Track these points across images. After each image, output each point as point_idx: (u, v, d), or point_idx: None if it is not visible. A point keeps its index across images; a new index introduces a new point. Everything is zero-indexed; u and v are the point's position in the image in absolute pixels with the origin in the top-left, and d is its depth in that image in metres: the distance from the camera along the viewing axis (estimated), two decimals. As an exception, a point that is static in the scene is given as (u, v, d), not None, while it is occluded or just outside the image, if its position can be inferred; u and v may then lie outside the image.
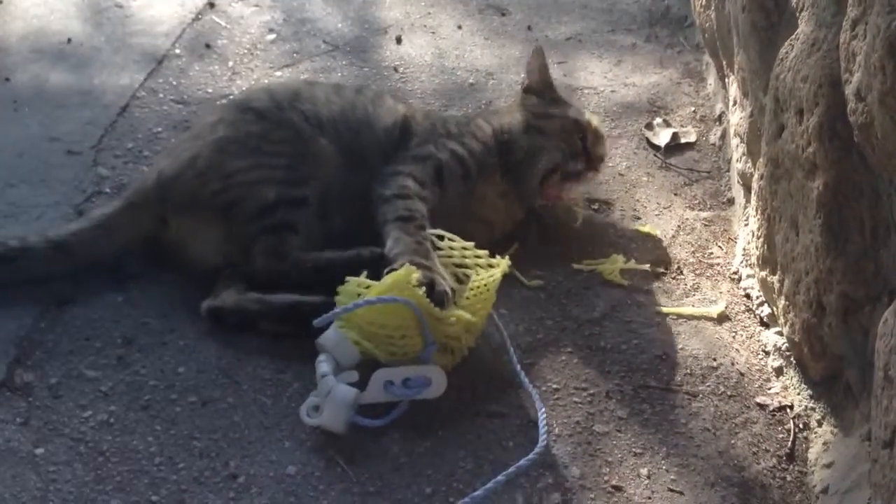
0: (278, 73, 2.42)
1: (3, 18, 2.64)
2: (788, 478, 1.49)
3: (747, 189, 1.86)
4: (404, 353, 1.55)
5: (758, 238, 1.70)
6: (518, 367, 1.60)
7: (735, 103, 1.93)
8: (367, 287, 1.56)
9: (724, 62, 2.02)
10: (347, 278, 1.60)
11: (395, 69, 2.46)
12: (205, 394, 1.58)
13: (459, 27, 2.65)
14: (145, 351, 1.65)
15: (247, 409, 1.56)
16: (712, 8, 2.07)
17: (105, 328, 1.69)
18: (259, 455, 1.49)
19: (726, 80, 2.04)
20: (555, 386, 1.61)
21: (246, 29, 2.59)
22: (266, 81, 2.35)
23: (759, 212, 1.70)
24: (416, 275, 1.54)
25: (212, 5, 2.68)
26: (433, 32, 2.62)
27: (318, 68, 2.45)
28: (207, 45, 2.50)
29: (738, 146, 1.90)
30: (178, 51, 2.48)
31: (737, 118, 1.90)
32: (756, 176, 1.72)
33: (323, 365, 1.53)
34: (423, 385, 1.53)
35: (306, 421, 1.51)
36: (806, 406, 1.55)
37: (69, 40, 2.50)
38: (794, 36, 1.52)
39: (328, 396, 1.50)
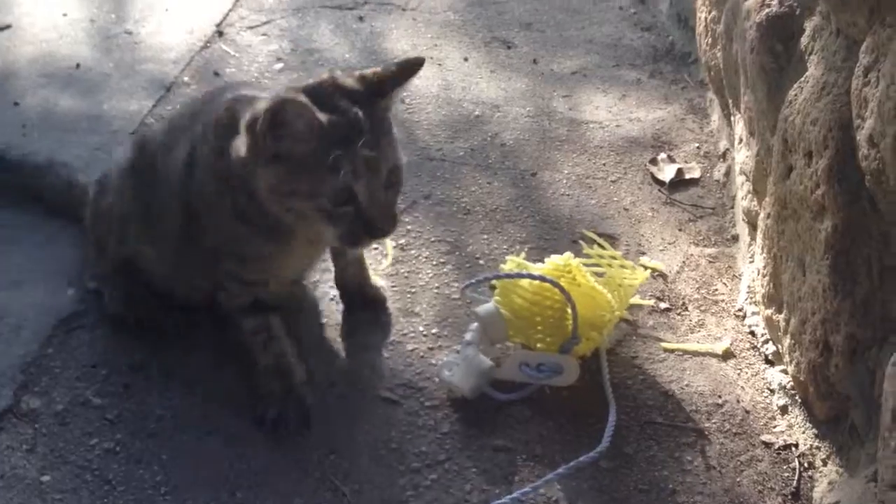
0: (286, 102, 2.44)
1: (13, 42, 2.66)
2: (794, 517, 1.49)
3: (752, 227, 1.87)
4: (546, 342, 1.66)
5: (763, 276, 1.72)
6: (607, 377, 1.66)
7: (741, 142, 1.95)
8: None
9: (730, 101, 2.05)
10: (507, 257, 1.81)
11: (402, 100, 2.47)
12: (211, 423, 1.58)
13: (466, 59, 2.67)
14: (152, 379, 1.65)
15: (253, 440, 1.56)
16: (718, 47, 2.10)
17: (112, 355, 1.69)
18: (265, 486, 1.49)
19: (732, 118, 2.06)
20: (561, 420, 1.61)
21: (254, 57, 2.62)
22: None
23: (765, 250, 1.71)
24: (576, 262, 1.65)
25: (220, 34, 2.70)
26: (440, 64, 2.64)
27: (325, 98, 2.47)
28: (216, 73, 2.52)
29: (743, 184, 1.92)
30: (186, 78, 2.50)
31: (742, 157, 1.92)
32: (762, 215, 1.73)
33: (471, 333, 1.66)
34: (555, 372, 1.62)
35: (443, 376, 1.63)
36: (811, 445, 1.56)
37: (78, 65, 2.52)
38: (803, 79, 1.54)
39: (465, 360, 1.61)
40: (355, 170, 1.36)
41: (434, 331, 1.78)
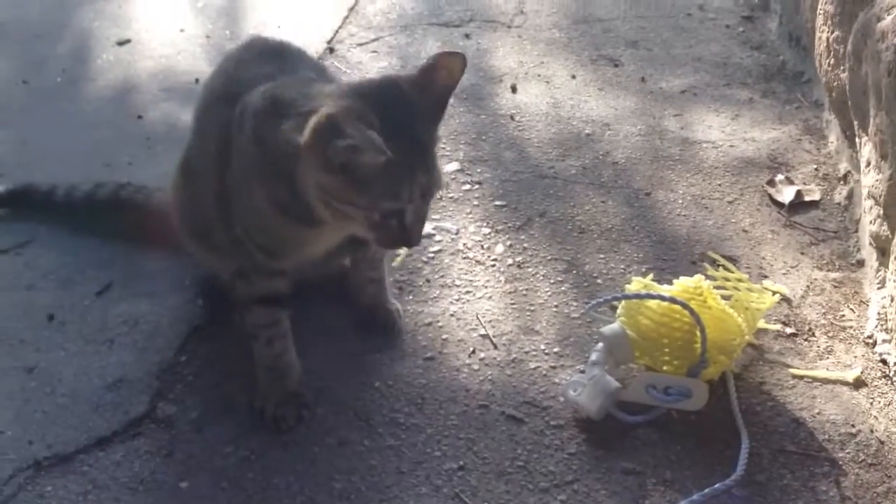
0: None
1: (133, 57, 2.76)
2: (935, 553, 1.45)
3: (881, 252, 1.83)
4: (673, 365, 1.65)
5: (898, 304, 1.68)
6: (736, 402, 1.65)
7: (869, 164, 1.91)
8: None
9: (856, 122, 2.01)
10: (633, 278, 1.81)
11: (512, 117, 2.49)
12: (342, 435, 1.61)
13: (573, 77, 2.67)
14: (283, 389, 1.69)
15: (382, 453, 1.58)
16: (843, 68, 2.06)
17: (244, 364, 1.72)
18: (396, 499, 1.51)
19: (857, 140, 2.02)
20: (689, 445, 1.59)
21: (364, 73, 2.66)
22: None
23: (900, 277, 1.67)
24: (706, 284, 1.65)
25: (331, 50, 2.75)
26: (547, 82, 2.65)
27: (435, 114, 2.50)
28: (329, 89, 2.57)
29: (871, 208, 1.88)
30: (301, 93, 2.55)
31: (871, 180, 1.88)
32: (897, 241, 1.70)
33: (596, 354, 1.66)
34: (684, 396, 1.61)
35: (568, 395, 1.62)
36: (952, 479, 1.51)
37: (197, 80, 2.59)
38: (949, 103, 1.50)
39: (592, 381, 1.61)
40: (412, 195, 1.40)
41: (556, 349, 1.79)
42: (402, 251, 1.96)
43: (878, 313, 1.81)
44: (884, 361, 1.75)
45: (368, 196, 1.39)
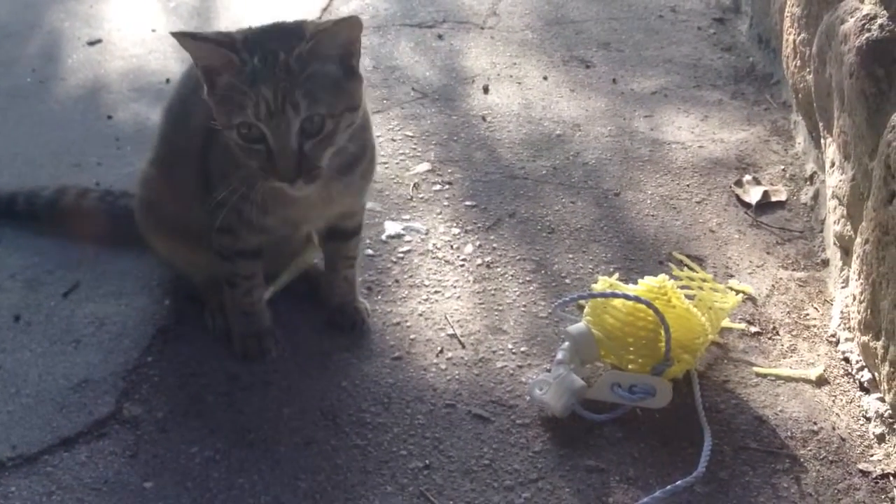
0: (370, 119, 2.48)
1: (104, 56, 2.75)
2: (894, 548, 1.47)
3: (845, 251, 1.85)
4: (638, 363, 1.67)
5: (860, 302, 1.70)
6: (700, 400, 1.66)
7: (833, 165, 1.93)
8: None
9: (821, 124, 2.03)
10: (599, 277, 1.84)
11: (483, 118, 2.50)
12: (307, 434, 1.61)
13: (545, 78, 2.69)
14: (249, 389, 1.69)
15: (348, 452, 1.59)
16: (809, 70, 2.08)
17: (210, 365, 1.73)
18: (362, 499, 1.51)
19: (822, 141, 2.04)
20: (653, 442, 1.61)
21: (337, 74, 2.66)
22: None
23: (861, 276, 1.69)
24: (671, 284, 1.67)
25: (304, 50, 2.75)
26: (519, 83, 2.66)
27: (407, 115, 2.50)
28: (301, 89, 2.57)
29: (835, 208, 1.90)
30: (272, 93, 2.55)
31: (835, 180, 1.90)
32: (859, 240, 1.71)
33: (562, 353, 1.67)
34: (648, 394, 1.62)
35: (534, 394, 1.63)
36: (911, 475, 1.53)
37: (168, 80, 2.59)
38: (907, 104, 1.52)
39: (557, 380, 1.62)
40: (257, 109, 1.43)
41: (523, 349, 1.79)
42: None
43: (842, 312, 1.83)
44: (846, 360, 1.77)
45: (226, 114, 1.46)
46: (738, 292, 1.89)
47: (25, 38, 2.84)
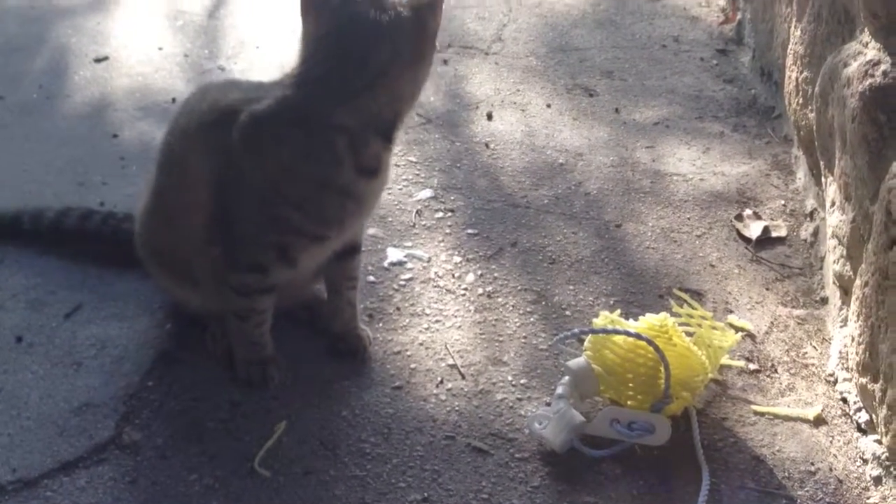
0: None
1: (110, 74, 2.76)
2: (888, 593, 1.48)
3: (844, 291, 1.87)
4: (637, 400, 1.68)
5: (858, 344, 1.71)
6: (698, 438, 1.67)
7: (833, 205, 1.95)
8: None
9: (822, 162, 2.05)
10: (600, 312, 1.81)
11: (487, 145, 2.51)
12: (307, 464, 1.62)
13: (548, 106, 2.70)
14: (249, 417, 1.69)
15: (347, 483, 1.59)
16: (811, 108, 2.10)
17: (211, 390, 1.73)
18: (360, 531, 1.52)
19: (823, 179, 2.06)
20: (652, 480, 1.61)
21: (342, 97, 2.67)
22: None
23: (860, 318, 1.70)
24: (671, 322, 1.68)
25: (310, 72, 2.76)
26: (523, 110, 2.68)
27: (411, 140, 2.52)
28: (306, 112, 2.58)
29: (835, 248, 1.92)
30: (277, 115, 2.56)
31: (835, 220, 1.92)
32: (858, 282, 1.73)
33: (562, 387, 1.67)
34: (647, 431, 1.63)
35: (533, 428, 1.64)
36: (906, 519, 1.54)
37: (174, 100, 2.59)
38: (909, 151, 1.54)
39: (557, 414, 1.63)
40: None
41: (522, 381, 1.80)
42: None
43: (840, 352, 1.84)
44: (844, 400, 1.78)
45: None
46: (737, 329, 1.91)
47: (33, 52, 2.85)
